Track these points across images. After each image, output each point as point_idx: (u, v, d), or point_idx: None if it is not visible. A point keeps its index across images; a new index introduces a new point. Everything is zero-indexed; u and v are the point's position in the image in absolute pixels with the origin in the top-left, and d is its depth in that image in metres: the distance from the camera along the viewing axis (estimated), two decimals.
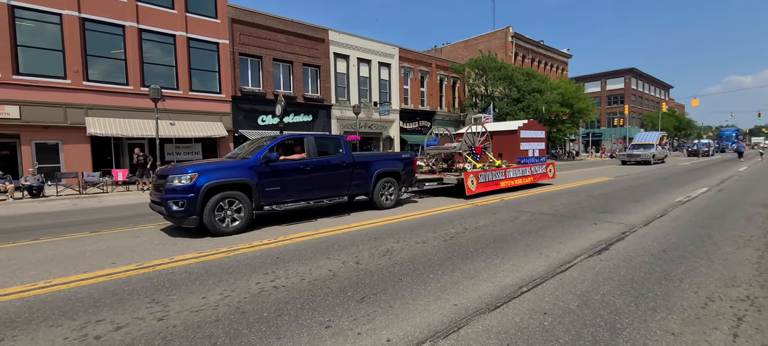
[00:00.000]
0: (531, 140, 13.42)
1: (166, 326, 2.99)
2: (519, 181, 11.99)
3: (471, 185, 10.22)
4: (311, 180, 7.39)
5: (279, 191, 6.93)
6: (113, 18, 17.08)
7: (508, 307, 3.23)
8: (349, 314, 3.14)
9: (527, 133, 13.35)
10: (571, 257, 4.66)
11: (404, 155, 9.46)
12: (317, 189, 7.52)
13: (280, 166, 6.99)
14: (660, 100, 73.74)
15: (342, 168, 7.91)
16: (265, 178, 6.73)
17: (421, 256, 4.82)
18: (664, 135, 32.96)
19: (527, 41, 42.40)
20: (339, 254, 4.93)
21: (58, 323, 3.10)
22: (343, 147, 8.12)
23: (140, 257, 5.02)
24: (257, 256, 4.97)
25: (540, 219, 7.13)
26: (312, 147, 7.57)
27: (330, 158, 7.78)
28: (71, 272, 4.44)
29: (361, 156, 8.41)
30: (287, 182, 7.04)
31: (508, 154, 12.82)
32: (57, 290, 3.85)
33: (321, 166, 7.56)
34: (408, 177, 9.41)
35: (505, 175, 11.47)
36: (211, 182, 6.11)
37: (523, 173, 12.23)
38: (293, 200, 7.18)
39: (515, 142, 12.97)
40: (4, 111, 14.96)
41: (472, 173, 10.43)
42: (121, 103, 17.32)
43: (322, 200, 7.66)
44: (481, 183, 10.58)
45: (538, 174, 12.89)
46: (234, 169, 6.54)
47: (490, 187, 10.83)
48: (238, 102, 20.93)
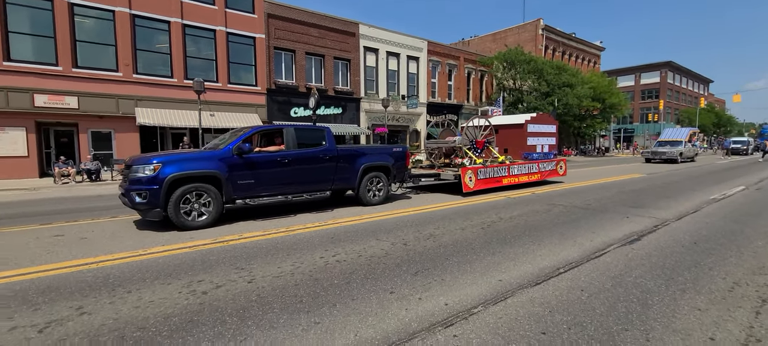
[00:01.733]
0: (540, 135, 12.69)
1: (256, 287, 3.59)
2: (524, 178, 11.37)
3: (469, 181, 9.69)
4: (290, 173, 7.07)
5: (253, 185, 6.65)
6: (160, 14, 18.15)
7: (548, 284, 3.65)
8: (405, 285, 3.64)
9: (535, 127, 12.60)
10: (604, 245, 5.00)
11: (395, 149, 9.00)
12: (296, 183, 7.19)
13: (255, 158, 6.68)
14: (698, 96, 70.49)
15: (324, 161, 7.54)
16: (237, 170, 6.45)
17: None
18: (696, 132, 31.40)
19: (558, 34, 41.50)
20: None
21: (168, 281, 3.76)
22: (327, 139, 7.72)
23: (210, 234, 5.71)
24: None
25: (571, 212, 7.41)
26: (291, 139, 7.24)
27: (311, 150, 7.42)
28: (159, 243, 5.16)
29: (346, 149, 8.08)
30: (262, 174, 6.73)
31: (514, 150, 12.19)
32: (157, 257, 4.55)
33: (301, 158, 7.22)
34: (399, 172, 8.98)
35: (508, 171, 10.88)
36: (176, 174, 5.85)
37: (530, 169, 11.58)
38: (269, 194, 6.90)
39: (522, 136, 12.26)
40: (64, 101, 16.30)
41: (471, 169, 9.86)
42: (166, 94, 18.45)
43: (301, 194, 7.31)
44: (481, 180, 10.05)
45: (546, 171, 12.17)
46: (202, 160, 6.27)
47: (490, 184, 10.29)
48: (272, 94, 21.79)
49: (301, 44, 22.81)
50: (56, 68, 16.13)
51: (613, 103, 36.70)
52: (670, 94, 63.92)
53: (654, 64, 63.57)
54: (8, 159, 15.58)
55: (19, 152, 15.83)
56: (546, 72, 31.30)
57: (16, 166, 15.72)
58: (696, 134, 31.17)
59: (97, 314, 3.03)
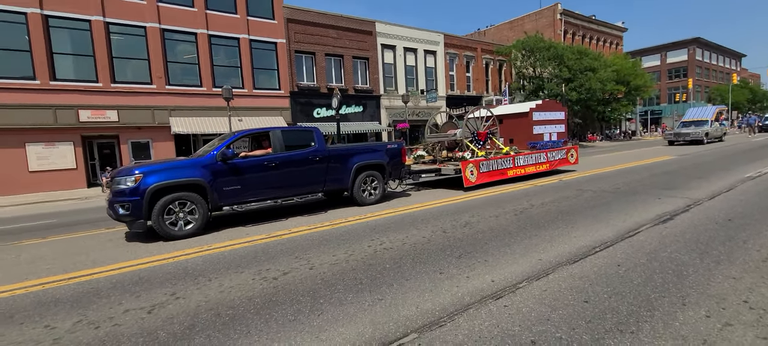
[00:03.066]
0: (547, 123, 12.20)
1: (318, 273, 4.01)
2: (531, 169, 10.94)
3: (470, 175, 9.39)
4: (278, 177, 6.96)
5: (240, 190, 6.58)
6: (188, 27, 19.00)
7: (585, 261, 3.92)
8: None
9: (542, 115, 12.10)
10: (637, 226, 5.19)
11: (390, 146, 8.79)
12: (285, 186, 7.09)
13: (240, 163, 6.60)
14: (730, 72, 67.35)
15: (314, 163, 7.40)
16: (222, 176, 6.38)
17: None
18: (723, 110, 29.67)
19: (578, 17, 40.62)
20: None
21: (240, 270, 4.24)
22: (317, 140, 7.56)
23: (265, 230, 6.21)
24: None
25: (601, 196, 7.56)
26: (278, 141, 7.12)
27: (299, 152, 7.27)
28: (220, 240, 5.69)
29: (337, 149, 7.91)
30: (249, 180, 6.64)
31: (520, 140, 11.78)
32: (222, 252, 5.06)
33: (289, 161, 7.10)
34: (396, 169, 8.83)
35: (513, 163, 10.48)
36: (158, 184, 5.81)
37: (537, 159, 11.14)
38: (257, 199, 6.81)
39: (527, 125, 11.80)
40: (105, 115, 17.36)
41: (472, 162, 9.54)
42: (197, 103, 19.33)
43: (291, 198, 7.21)
44: (484, 173, 9.72)
45: (556, 160, 11.69)
46: (185, 168, 6.20)
47: (495, 177, 9.96)
48: (295, 97, 22.43)
49: (320, 46, 23.34)
50: (96, 85, 17.19)
51: (638, 85, 35.73)
52: (699, 72, 61.36)
53: (681, 41, 61.10)
54: (59, 172, 16.77)
55: (68, 165, 17.00)
56: (567, 57, 30.77)
57: (67, 178, 16.91)
58: (723, 113, 29.37)
59: (190, 298, 3.53)
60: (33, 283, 4.24)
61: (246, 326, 2.93)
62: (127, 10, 17.68)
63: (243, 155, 6.78)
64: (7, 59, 15.65)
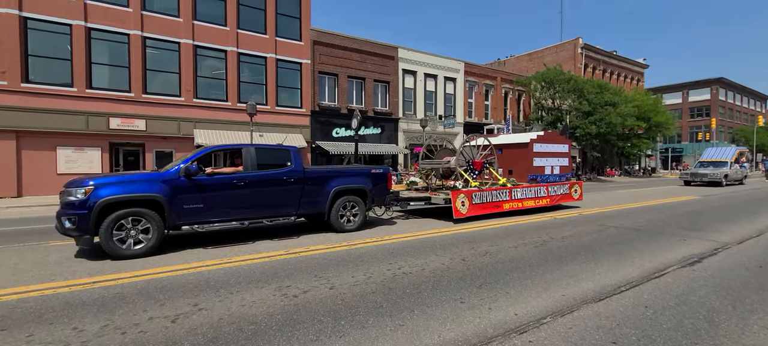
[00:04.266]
0: (549, 155, 11.66)
1: (338, 294, 4.02)
2: (530, 203, 10.30)
3: (461, 206, 8.84)
4: (247, 197, 6.51)
5: (202, 209, 6.13)
6: (219, 44, 19.81)
7: (611, 300, 3.83)
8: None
9: (543, 146, 11.58)
10: (663, 266, 5.05)
11: (375, 170, 8.27)
12: (254, 207, 6.64)
13: (205, 180, 6.14)
14: (754, 113, 65.90)
15: (288, 184, 6.95)
16: (184, 193, 5.95)
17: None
18: (745, 151, 28.38)
19: (598, 52, 40.66)
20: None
21: (261, 285, 4.28)
22: (293, 160, 7.12)
23: (281, 245, 6.28)
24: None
25: (623, 233, 7.39)
26: (250, 159, 6.70)
27: (272, 172, 6.85)
28: (241, 254, 5.78)
29: (315, 170, 7.49)
30: (214, 198, 6.21)
31: (519, 172, 11.29)
32: (241, 265, 5.13)
33: (260, 181, 6.67)
34: (380, 195, 8.31)
35: (510, 195, 9.91)
36: (109, 198, 5.40)
37: (537, 193, 10.54)
38: (222, 219, 6.35)
39: (527, 157, 11.30)
40: (134, 124, 18.03)
41: (464, 193, 9.02)
42: (221, 117, 19.91)
43: (260, 220, 6.72)
44: (476, 205, 9.18)
45: (557, 196, 11.03)
46: (141, 182, 5.81)
47: (488, 209, 9.38)
48: (315, 116, 22.88)
49: (343, 68, 23.91)
50: (129, 94, 17.93)
51: (659, 122, 35.23)
52: (722, 112, 60.23)
53: (703, 80, 60.33)
54: None
55: (95, 170, 17.57)
56: (587, 91, 30.71)
57: None
58: (744, 154, 28.03)
59: (212, 310, 3.57)
60: (61, 284, 4.37)
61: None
62: (164, 27, 18.57)
63: (210, 172, 6.31)
64: (50, 66, 16.53)
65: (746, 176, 25.71)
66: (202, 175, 6.15)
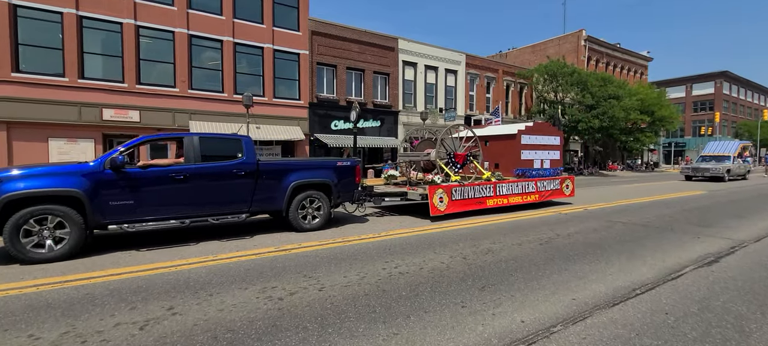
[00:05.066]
0: (538, 148, 10.97)
1: (327, 296, 3.69)
2: (516, 199, 9.64)
3: (438, 203, 8.16)
4: (188, 192, 5.84)
5: (133, 206, 5.46)
6: (215, 34, 19.35)
7: (626, 305, 3.49)
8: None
9: (532, 138, 10.85)
10: (679, 266, 4.71)
11: (341, 163, 7.61)
12: (197, 204, 5.97)
13: (136, 174, 5.49)
14: (758, 107, 65.31)
15: (239, 177, 6.29)
16: (110, 188, 5.27)
17: None
18: (748, 145, 27.60)
19: (602, 44, 40.07)
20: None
21: (244, 286, 3.95)
22: (245, 151, 6.45)
23: (274, 240, 5.94)
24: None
25: (632, 230, 7.05)
26: (193, 150, 6.00)
27: (219, 165, 6.17)
28: (228, 251, 5.44)
29: (271, 163, 6.83)
30: (147, 194, 5.56)
31: (506, 165, 10.65)
32: (228, 263, 4.80)
33: (204, 174, 6.00)
34: (346, 190, 7.63)
35: (494, 191, 9.22)
36: (14, 193, 4.72)
37: (524, 189, 9.86)
38: (157, 217, 5.68)
39: (514, 150, 10.54)
40: (128, 115, 17.64)
41: (442, 188, 8.30)
42: (216, 108, 19.51)
43: (205, 218, 6.06)
44: (457, 201, 8.50)
45: (547, 191, 10.36)
46: (56, 176, 5.05)
47: (469, 206, 8.69)
48: (314, 108, 22.46)
49: (342, 59, 23.44)
50: (122, 85, 17.52)
51: (662, 115, 34.74)
52: (726, 106, 59.66)
53: (707, 74, 59.67)
54: None
55: None
56: (590, 84, 30.20)
57: None
58: (747, 149, 27.37)
59: (187, 315, 3.24)
60: (28, 284, 4.04)
61: None
62: (158, 15, 18.09)
63: (142, 164, 5.71)
64: (41, 56, 16.10)
65: (749, 171, 25.18)
66: (132, 167, 5.56)
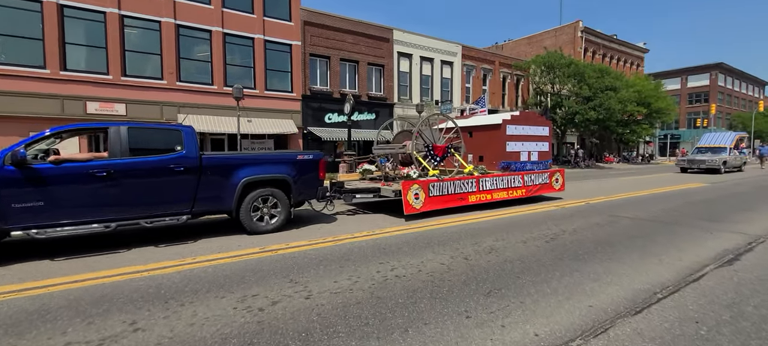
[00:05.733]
0: (525, 139, 10.23)
1: (315, 305, 3.28)
2: (501, 195, 8.94)
3: (414, 200, 7.46)
4: (112, 192, 5.02)
5: (42, 208, 4.66)
6: (203, 24, 18.69)
7: (650, 312, 3.12)
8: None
9: (518, 129, 10.06)
10: (698, 266, 4.35)
11: (302, 156, 6.80)
12: (126, 205, 5.14)
13: (46, 171, 4.70)
14: (752, 99, 65.58)
15: (177, 174, 5.45)
16: (11, 187, 4.53)
17: None
18: (744, 136, 27.18)
19: (598, 36, 39.73)
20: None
21: (222, 294, 3.52)
22: (185, 144, 5.63)
23: (259, 242, 5.52)
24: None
25: (639, 225, 6.70)
26: (120, 143, 5.18)
27: (152, 159, 5.33)
28: (210, 252, 5.01)
29: (216, 158, 5.95)
30: (61, 194, 4.76)
31: (491, 158, 9.98)
32: (207, 266, 4.37)
33: (133, 170, 5.17)
34: (308, 187, 6.84)
35: (477, 186, 8.52)
36: None
37: (510, 183, 9.13)
38: (75, 221, 4.86)
39: (499, 141, 9.81)
40: (114, 108, 17.03)
41: (418, 184, 7.61)
42: (206, 101, 18.93)
43: (136, 221, 5.23)
44: (434, 198, 7.79)
45: (535, 186, 9.62)
46: None
47: (449, 203, 8.02)
48: (307, 100, 21.93)
49: (335, 51, 22.88)
50: (107, 77, 16.88)
51: (660, 107, 34.54)
52: (721, 97, 59.71)
53: (702, 66, 59.62)
54: None
55: None
56: (587, 75, 29.87)
57: None
58: (744, 140, 26.99)
59: (151, 330, 2.82)
60: None
61: None
62: (143, 4, 17.41)
63: (53, 159, 4.91)
64: (19, 46, 15.42)
65: (745, 163, 24.93)
66: (41, 163, 4.77)
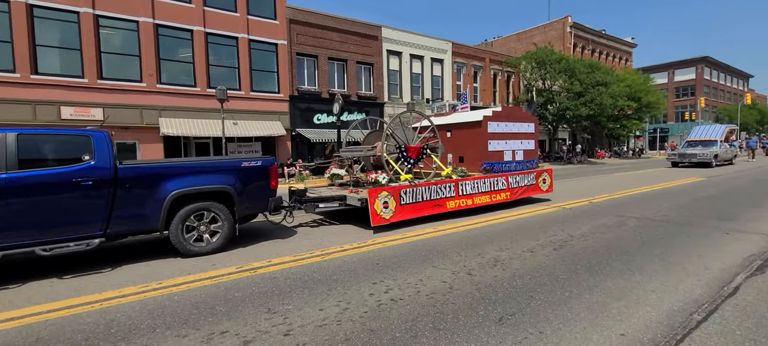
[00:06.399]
0: (508, 137, 9.32)
1: (295, 344, 2.73)
2: (484, 199, 8.10)
3: (382, 209, 6.50)
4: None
5: None
6: (183, 23, 17.91)
7: (693, 342, 2.63)
8: None
9: (501, 126, 9.10)
10: (728, 275, 3.91)
11: (248, 163, 5.62)
12: (11, 230, 4.17)
13: None
14: (738, 92, 66.61)
15: (84, 189, 4.48)
16: None
17: None
18: (734, 129, 26.91)
19: (588, 31, 39.72)
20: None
21: (184, 332, 2.95)
22: (96, 152, 4.62)
23: (237, 260, 4.94)
24: None
25: (650, 227, 6.28)
26: (6, 154, 4.20)
27: (50, 173, 4.36)
28: (173, 276, 4.41)
29: (137, 168, 4.94)
30: None
31: (472, 158, 9.02)
32: (173, 293, 3.78)
33: (22, 187, 4.20)
34: (256, 198, 5.72)
35: (456, 190, 7.65)
36: None
37: (493, 186, 8.31)
38: None
39: (480, 140, 8.86)
40: (90, 113, 16.18)
41: (388, 190, 6.65)
42: (189, 104, 18.16)
43: (30, 248, 4.25)
44: (407, 206, 6.86)
45: (520, 188, 8.82)
46: None
47: (424, 211, 7.10)
48: (295, 101, 21.27)
49: (323, 49, 22.26)
50: (82, 80, 16.03)
51: (650, 101, 34.61)
52: (707, 91, 60.43)
53: (689, 60, 60.29)
54: None
55: None
56: (578, 70, 29.70)
57: None
58: (734, 132, 26.63)
59: None
60: None
61: None
62: (119, 4, 16.58)
63: None
64: None
65: (736, 156, 24.73)
66: None
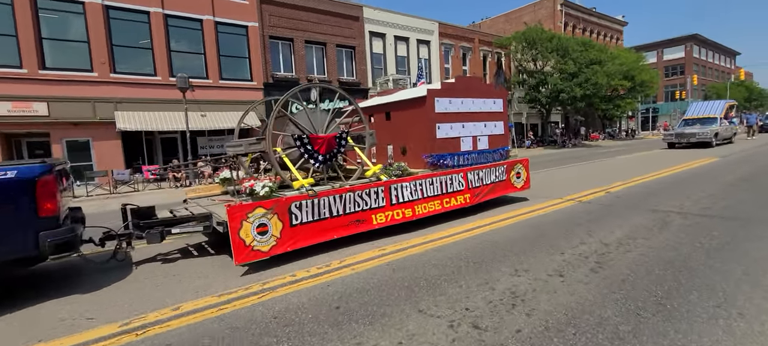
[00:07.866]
0: (466, 118, 6.67)
1: None
2: (432, 206, 5.76)
3: (257, 236, 4.13)
4: None
5: None
6: (136, 4, 15.92)
7: None
8: None
9: (453, 104, 6.46)
10: None
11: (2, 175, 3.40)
12: None
13: None
14: (725, 70, 66.40)
15: None
16: None
17: None
18: (733, 105, 25.25)
19: (578, 9, 38.34)
20: None
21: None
22: None
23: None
24: None
25: (703, 228, 4.90)
26: None
27: None
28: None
29: None
30: None
31: (416, 148, 6.48)
32: None
33: None
34: (10, 232, 3.42)
35: (387, 197, 5.28)
36: None
37: (445, 187, 5.93)
38: None
39: (426, 123, 6.24)
40: (32, 108, 14.26)
41: (267, 206, 4.23)
42: (150, 95, 16.29)
43: None
44: (302, 227, 4.49)
45: (485, 187, 6.50)
46: None
47: (334, 232, 4.76)
48: (270, 89, 19.46)
49: (299, 32, 20.44)
50: (20, 71, 14.06)
51: (644, 80, 33.52)
52: (696, 69, 59.86)
53: (678, 38, 59.56)
54: None
55: None
56: (571, 49, 28.35)
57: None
58: (733, 108, 25.12)
59: None
60: None
61: None
62: None
63: None
64: None
65: (736, 133, 23.48)
66: None
